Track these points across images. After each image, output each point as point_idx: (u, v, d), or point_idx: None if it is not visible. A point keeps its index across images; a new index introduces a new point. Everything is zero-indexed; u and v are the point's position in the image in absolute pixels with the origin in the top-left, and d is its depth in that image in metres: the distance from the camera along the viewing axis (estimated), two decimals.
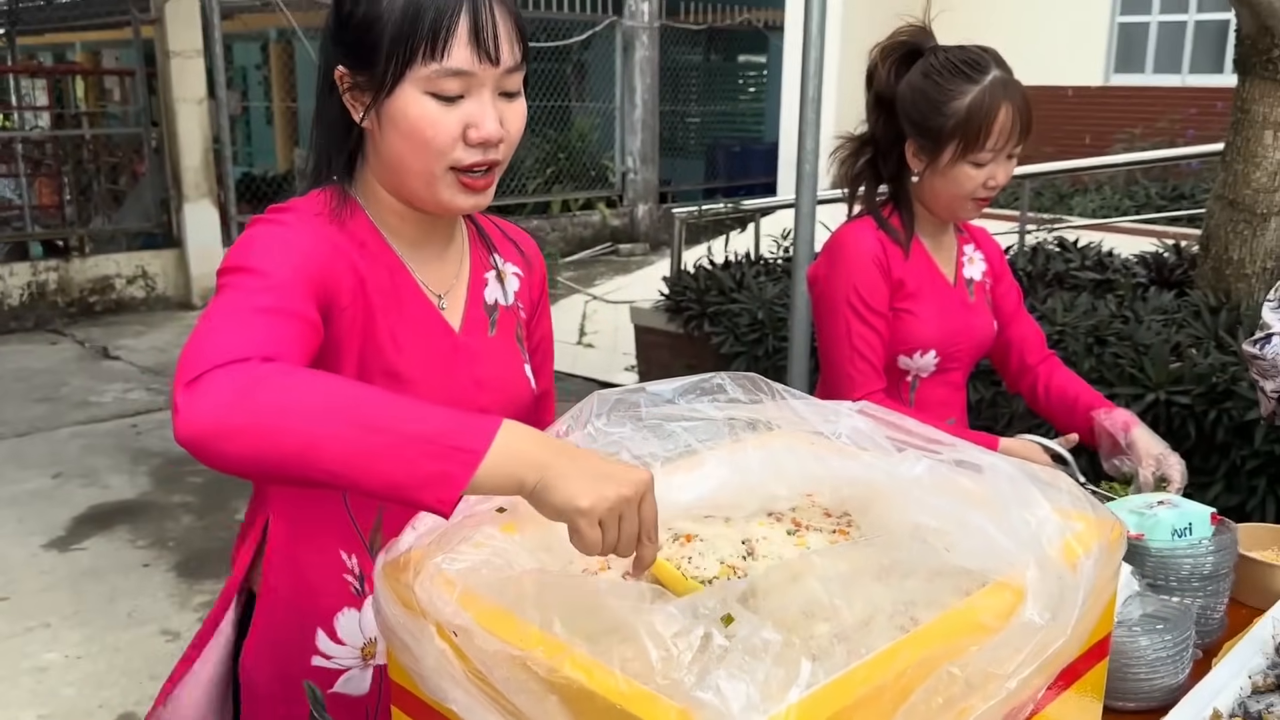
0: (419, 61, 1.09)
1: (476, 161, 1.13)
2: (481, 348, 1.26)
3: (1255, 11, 3.57)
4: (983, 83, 1.70)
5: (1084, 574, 0.89)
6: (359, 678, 1.23)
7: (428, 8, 1.08)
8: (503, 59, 1.11)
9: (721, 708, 0.68)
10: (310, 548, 1.21)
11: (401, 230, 1.22)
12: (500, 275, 1.32)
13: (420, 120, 1.10)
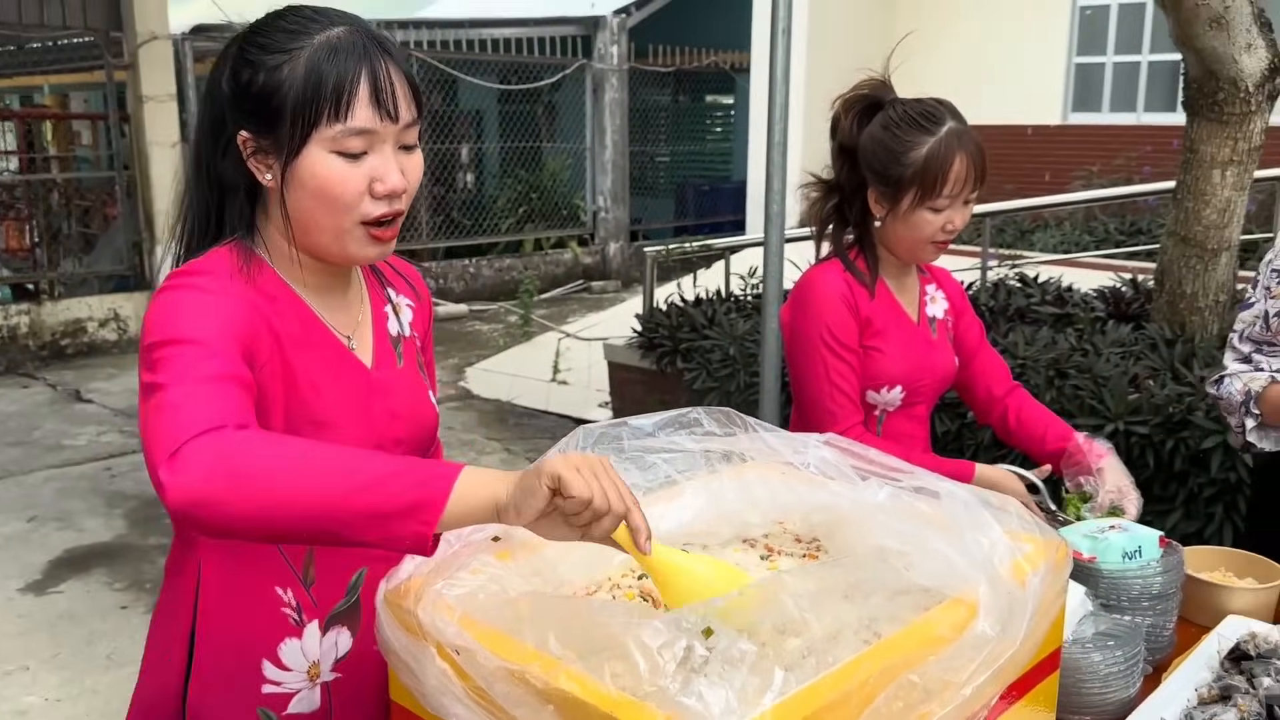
0: (324, 123, 1.14)
1: (383, 213, 1.19)
2: (393, 380, 1.32)
3: (1201, 57, 3.74)
4: (938, 134, 1.80)
5: (1032, 590, 0.97)
6: (309, 697, 1.28)
7: (329, 73, 1.14)
8: (401, 116, 1.17)
9: (704, 712, 0.75)
10: (245, 587, 1.25)
11: (306, 280, 1.26)
12: (395, 308, 1.38)
13: (328, 178, 1.16)
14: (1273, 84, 3.73)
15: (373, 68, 1.14)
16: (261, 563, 1.24)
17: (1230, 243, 3.87)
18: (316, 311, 1.27)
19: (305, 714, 1.28)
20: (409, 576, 1.01)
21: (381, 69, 1.15)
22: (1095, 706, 1.38)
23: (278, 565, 1.25)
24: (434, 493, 0.94)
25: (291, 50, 1.15)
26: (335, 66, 1.13)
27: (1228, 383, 1.99)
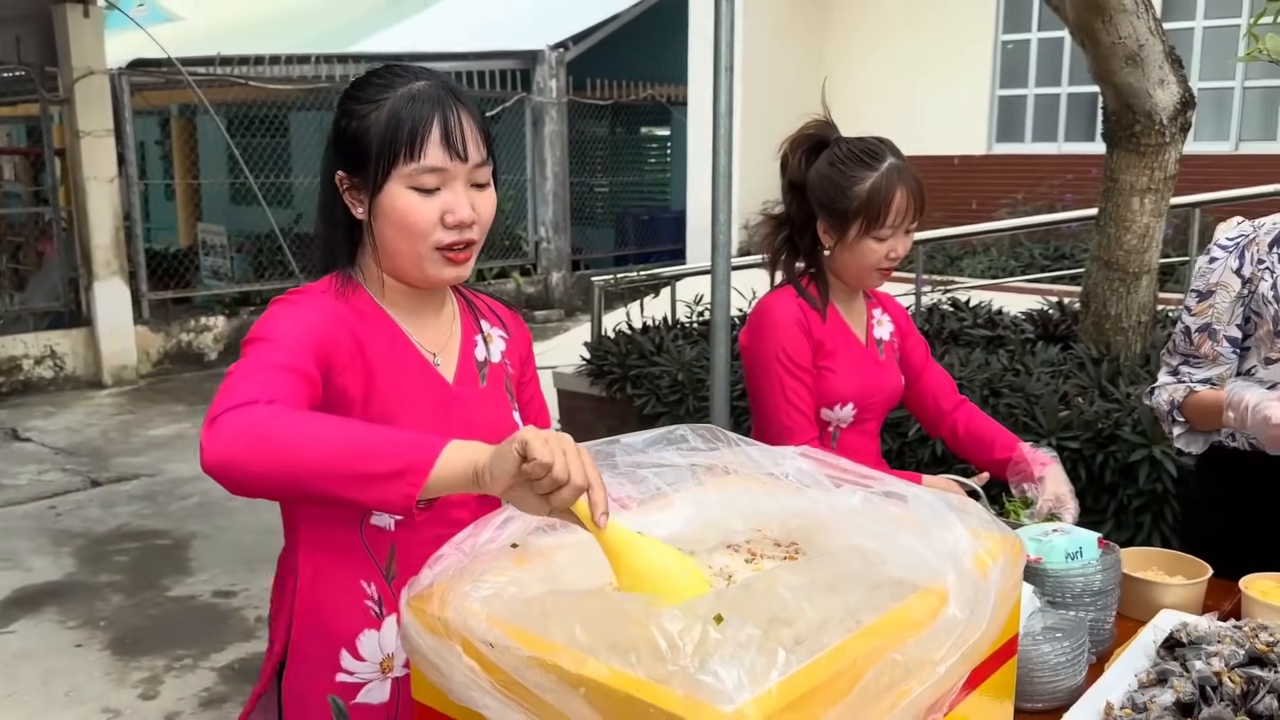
0: (401, 162, 1.31)
1: (454, 241, 1.36)
2: (473, 397, 1.46)
3: (1118, 92, 3.97)
4: (880, 169, 1.95)
5: (993, 580, 1.09)
6: (379, 688, 1.40)
7: (405, 119, 1.31)
8: (470, 156, 1.34)
9: (720, 688, 0.85)
10: (335, 581, 1.39)
11: (398, 301, 1.43)
12: (486, 338, 1.53)
13: (405, 210, 1.33)
14: (1184, 116, 3.97)
15: (444, 114, 1.31)
16: (351, 558, 1.38)
17: (1150, 266, 4.09)
18: (405, 329, 1.44)
19: (373, 705, 1.40)
20: (431, 583, 1.09)
21: (453, 115, 1.32)
22: (1046, 694, 1.51)
23: (363, 560, 1.38)
24: (421, 460, 1.08)
25: (379, 100, 1.33)
26: (411, 113, 1.31)
27: (1157, 394, 2.16)
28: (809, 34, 10.70)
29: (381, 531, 1.39)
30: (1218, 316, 2.06)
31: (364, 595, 1.39)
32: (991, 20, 9.92)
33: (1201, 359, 2.09)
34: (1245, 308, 2.05)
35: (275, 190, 10.45)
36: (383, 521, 1.40)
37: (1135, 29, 3.78)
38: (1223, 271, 2.06)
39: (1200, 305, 2.09)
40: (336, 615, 1.38)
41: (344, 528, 1.39)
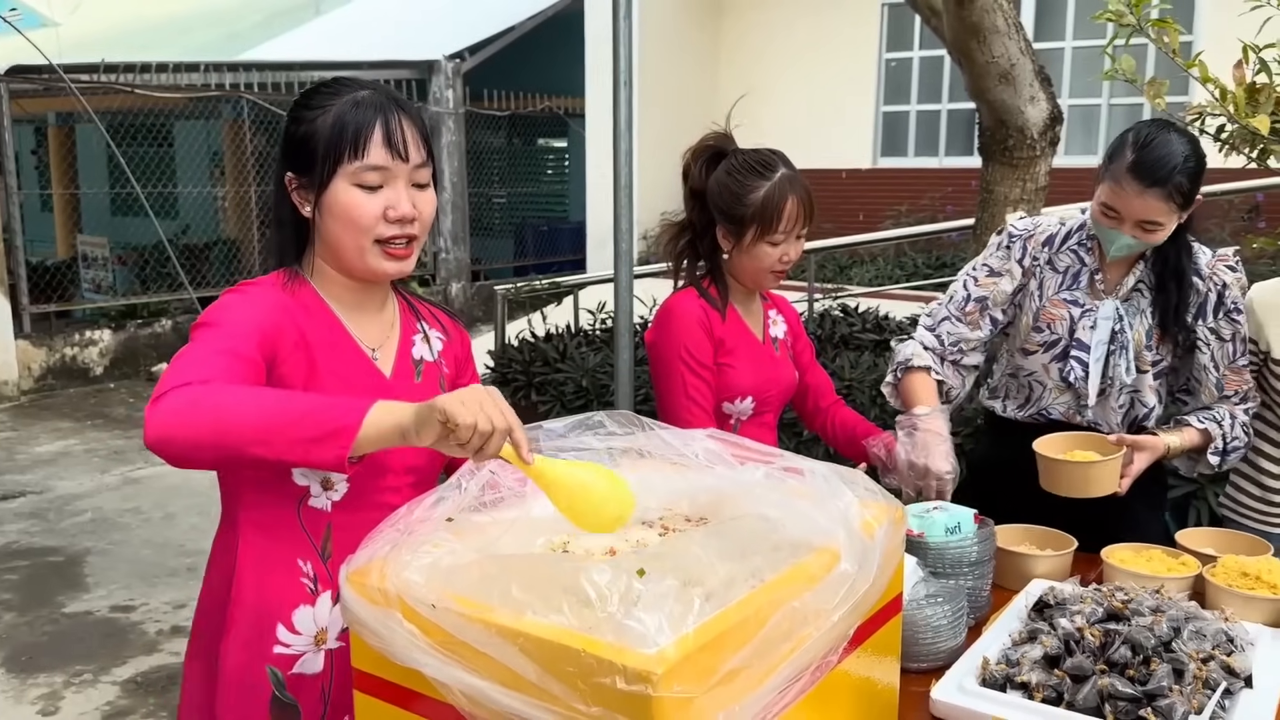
0: (345, 160, 1.43)
1: (395, 235, 1.46)
2: (407, 391, 1.56)
3: (992, 109, 4.24)
4: (773, 179, 2.11)
5: (879, 540, 1.22)
6: (314, 659, 1.50)
7: (349, 121, 1.43)
8: (411, 157, 1.45)
9: (643, 632, 0.96)
10: (273, 560, 1.47)
11: (341, 297, 1.53)
12: (426, 337, 1.64)
13: (349, 205, 1.44)
14: (1053, 131, 4.27)
15: (386, 117, 1.44)
16: (289, 538, 1.47)
17: None
18: (346, 324, 1.54)
19: (308, 675, 1.49)
20: (369, 558, 1.17)
21: (394, 119, 1.44)
22: (930, 654, 1.66)
23: (300, 540, 1.47)
24: (350, 421, 1.20)
25: (326, 106, 1.45)
26: (355, 116, 1.43)
27: (907, 344, 2.36)
28: (702, 51, 10.96)
29: (319, 513, 1.49)
30: (995, 296, 2.28)
31: (300, 573, 1.48)
32: (876, 39, 10.33)
33: (966, 324, 2.30)
34: (1013, 300, 2.28)
35: (161, 201, 10.19)
36: (320, 503, 1.49)
37: (1008, 49, 4.05)
38: (1009, 260, 2.29)
39: (987, 279, 2.30)
40: (274, 591, 1.47)
41: (282, 509, 1.48)
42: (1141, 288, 2.23)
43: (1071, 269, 2.25)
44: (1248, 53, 2.81)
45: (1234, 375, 2.23)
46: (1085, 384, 2.22)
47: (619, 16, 3.60)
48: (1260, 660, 1.60)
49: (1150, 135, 2.05)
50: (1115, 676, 1.47)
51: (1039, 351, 2.28)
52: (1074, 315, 2.24)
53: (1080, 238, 2.26)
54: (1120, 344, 2.21)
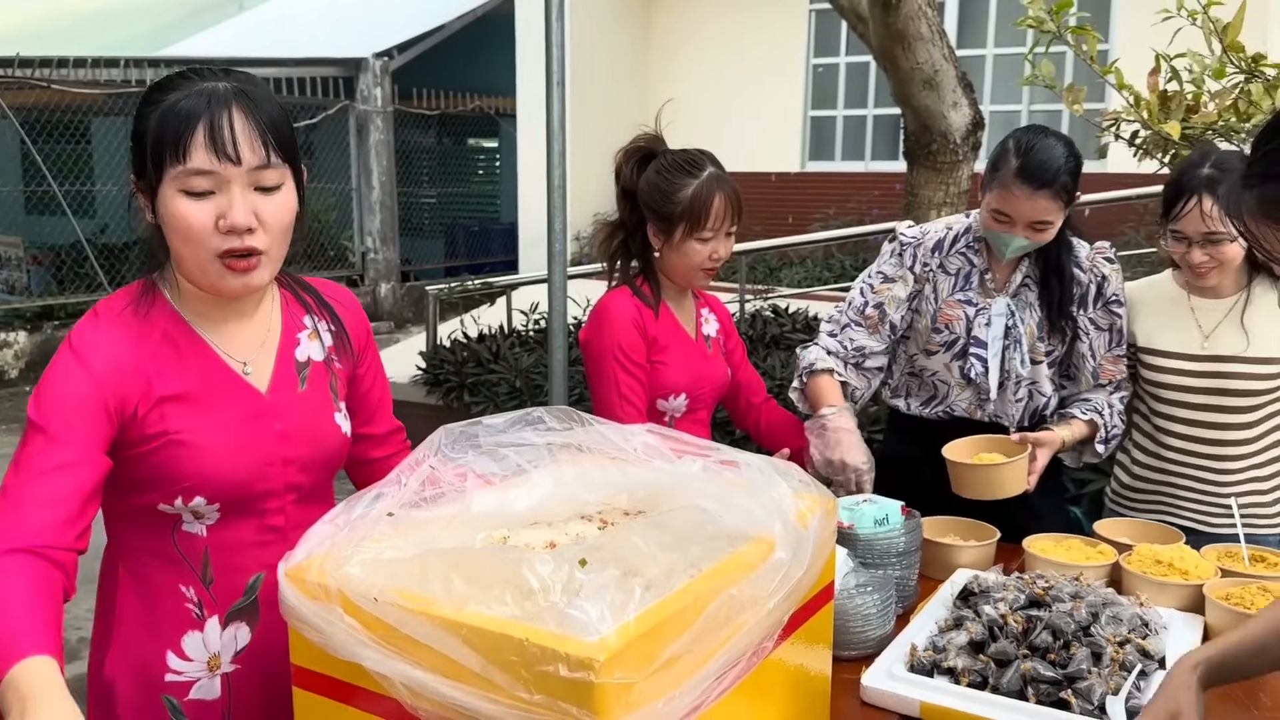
0: (168, 164, 1.29)
1: (233, 247, 1.32)
2: (289, 403, 1.45)
3: (917, 114, 4.34)
4: (701, 177, 2.15)
5: (812, 529, 1.25)
6: (209, 685, 1.44)
7: (170, 121, 1.28)
8: (244, 159, 1.30)
9: (586, 620, 0.97)
10: (155, 587, 1.42)
11: (201, 310, 1.41)
12: (315, 333, 1.52)
13: (176, 213, 1.30)
14: (975, 136, 4.38)
15: (212, 115, 1.28)
16: (167, 564, 1.41)
17: None
18: (210, 341, 1.41)
19: (205, 701, 1.43)
20: (307, 555, 1.17)
21: (224, 116, 1.28)
22: (860, 642, 1.71)
23: (179, 566, 1.41)
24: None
25: (158, 102, 1.31)
26: (178, 114, 1.28)
27: (811, 349, 2.44)
28: (633, 54, 11.00)
29: (194, 538, 1.41)
30: (891, 301, 2.38)
31: (184, 599, 1.42)
32: (803, 44, 10.48)
33: (866, 329, 2.40)
34: (910, 304, 2.38)
35: (79, 199, 9.91)
36: (195, 529, 1.41)
37: (931, 56, 4.15)
38: (901, 267, 2.39)
39: (882, 286, 2.40)
40: (160, 619, 1.42)
41: (156, 537, 1.41)
42: (1029, 283, 2.33)
43: (962, 270, 2.35)
44: (1160, 61, 2.93)
45: (1109, 364, 2.35)
46: (985, 379, 2.33)
47: (551, 17, 3.61)
48: (1173, 643, 1.67)
49: (1031, 141, 2.14)
50: (1037, 660, 1.53)
51: (940, 351, 2.38)
52: (969, 314, 2.34)
53: (967, 240, 2.36)
54: (1014, 338, 2.32)
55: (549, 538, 1.27)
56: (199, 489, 1.37)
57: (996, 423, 2.37)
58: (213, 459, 1.37)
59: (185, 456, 1.36)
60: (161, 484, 1.36)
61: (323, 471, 1.51)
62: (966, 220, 2.39)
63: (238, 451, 1.39)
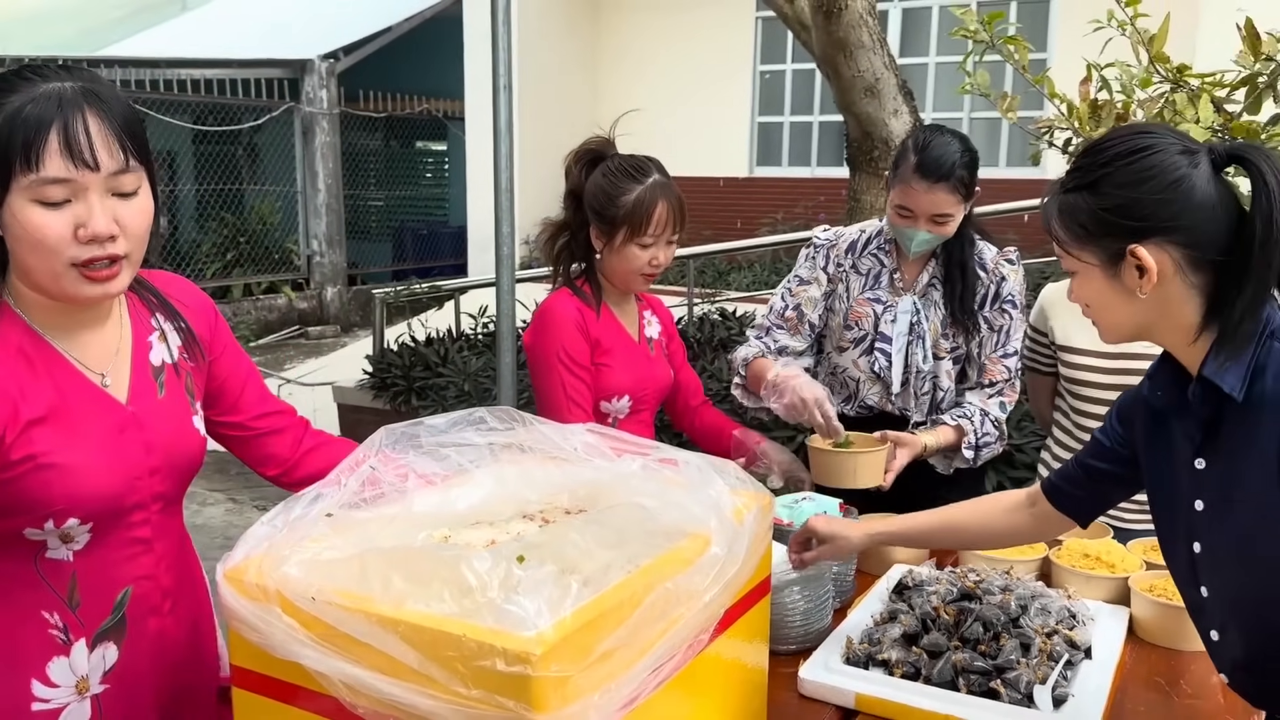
0: (18, 173, 1.21)
1: (93, 256, 1.25)
2: (150, 412, 1.40)
3: (859, 121, 4.42)
4: (645, 183, 2.17)
5: (747, 525, 1.28)
6: (79, 709, 1.37)
7: (19, 127, 1.20)
8: (102, 164, 1.23)
9: (523, 615, 0.99)
10: (15, 614, 1.34)
11: (53, 322, 1.33)
12: (163, 335, 1.46)
13: (29, 225, 1.22)
14: None
15: (66, 120, 1.21)
16: (29, 591, 1.34)
17: None
18: (66, 353, 1.34)
19: None
20: (245, 556, 1.17)
21: (78, 121, 1.22)
22: (798, 637, 1.74)
23: (43, 592, 1.34)
24: None
25: (1, 105, 1.22)
26: (28, 119, 1.20)
27: (740, 350, 2.56)
28: (582, 59, 11.02)
29: (60, 563, 1.34)
30: (807, 302, 2.49)
31: (48, 625, 1.35)
32: (750, 51, 10.58)
33: (788, 330, 2.51)
34: (825, 303, 2.49)
35: None
36: (60, 554, 1.34)
37: (872, 64, 4.23)
38: (815, 269, 2.50)
39: (799, 289, 2.51)
40: (21, 646, 1.34)
41: (17, 563, 1.33)
42: (935, 283, 2.43)
43: (873, 270, 2.46)
44: (1091, 70, 3.01)
45: (992, 365, 2.44)
46: (889, 373, 2.44)
47: (497, 21, 3.63)
48: (1099, 633, 1.73)
49: (928, 138, 2.27)
50: (968, 652, 1.58)
51: (850, 348, 2.48)
52: (877, 312, 2.45)
53: (879, 242, 2.48)
54: (918, 334, 2.43)
55: (490, 536, 1.28)
56: (72, 510, 1.31)
57: (905, 415, 2.46)
58: (84, 479, 1.31)
59: (55, 479, 1.29)
60: (30, 509, 1.29)
61: (185, 477, 1.47)
62: (879, 224, 2.51)
63: (109, 468, 1.34)
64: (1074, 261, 1.35)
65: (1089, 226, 1.31)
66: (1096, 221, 1.30)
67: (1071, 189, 1.33)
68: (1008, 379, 2.44)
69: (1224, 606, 1.34)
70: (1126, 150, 1.28)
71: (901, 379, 2.44)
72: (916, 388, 2.45)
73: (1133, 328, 1.35)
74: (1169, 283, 1.28)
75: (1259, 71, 2.89)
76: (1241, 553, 1.29)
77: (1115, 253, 1.29)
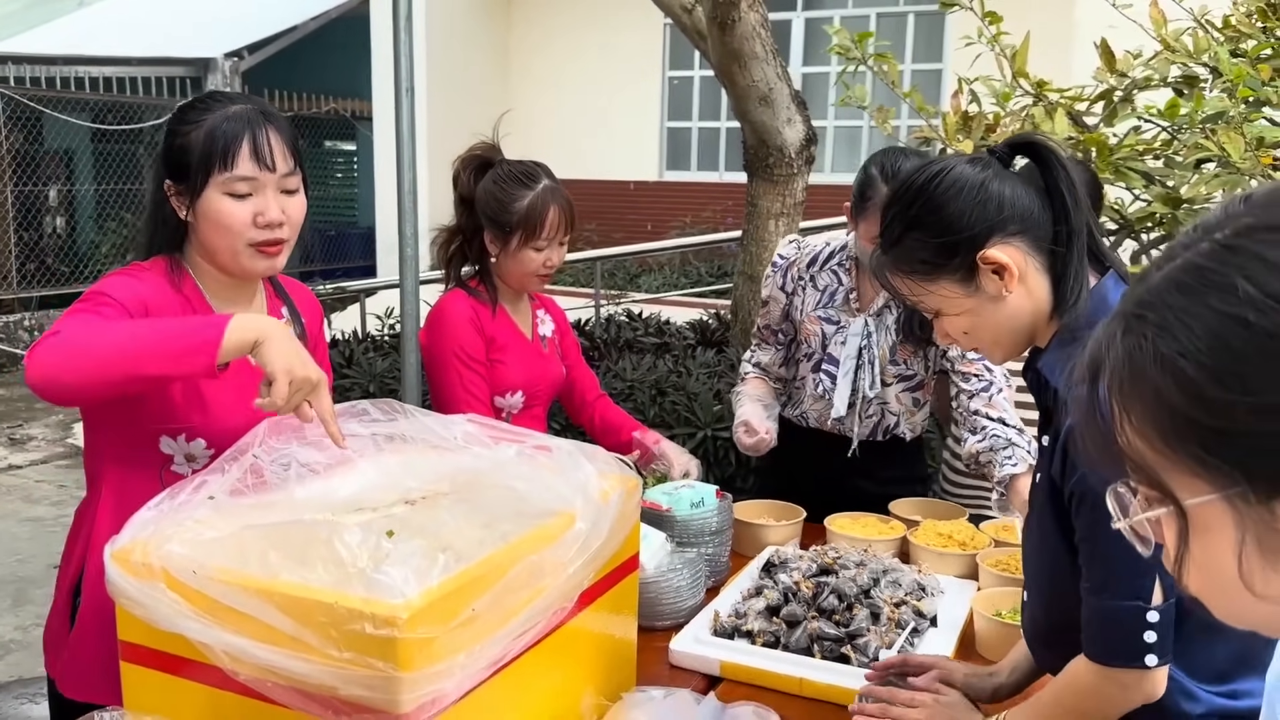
0: (215, 171, 1.58)
1: (266, 239, 1.62)
2: None
3: (755, 129, 4.57)
4: (536, 189, 2.27)
5: (612, 504, 1.39)
6: None
7: (219, 136, 1.58)
8: (278, 167, 1.61)
9: (391, 584, 1.08)
10: None
11: (216, 290, 1.69)
12: (288, 322, 1.80)
13: (220, 212, 1.60)
14: (809, 151, 4.63)
15: (253, 130, 1.59)
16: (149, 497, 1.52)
17: None
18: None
19: None
20: (132, 538, 1.24)
21: (262, 132, 1.59)
22: (672, 613, 1.86)
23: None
24: (212, 335, 1.38)
25: (199, 121, 1.59)
26: (225, 130, 1.58)
27: (741, 367, 2.69)
28: (493, 64, 11.05)
29: (181, 477, 1.56)
30: (772, 319, 2.58)
31: None
32: (659, 57, 10.74)
33: (770, 345, 2.62)
34: (786, 317, 2.56)
35: None
36: (183, 470, 1.60)
37: (766, 74, 4.38)
38: (772, 287, 2.57)
39: (764, 311, 2.61)
40: None
41: (144, 479, 1.58)
42: (890, 304, 2.41)
43: (829, 288, 2.47)
44: (961, 84, 3.21)
45: (966, 367, 2.41)
46: (833, 395, 2.45)
47: (399, 27, 3.67)
48: (947, 604, 1.88)
49: (897, 164, 2.24)
50: (823, 621, 1.71)
51: (803, 361, 2.54)
52: (827, 332, 2.47)
53: (840, 259, 2.47)
54: (866, 360, 2.42)
55: (367, 518, 1.36)
56: (201, 431, 1.61)
57: (842, 436, 2.47)
58: (215, 407, 1.61)
59: (195, 399, 1.60)
60: (172, 418, 1.59)
61: None
62: (845, 238, 2.50)
63: (235, 407, 1.61)
64: (933, 299, 1.36)
65: (932, 259, 1.33)
66: (937, 250, 1.32)
67: (896, 242, 1.36)
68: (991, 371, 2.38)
69: (1029, 576, 1.48)
70: (924, 181, 1.33)
71: (848, 403, 2.43)
72: (862, 411, 2.45)
73: (1012, 334, 1.35)
74: (1026, 272, 1.31)
75: (1114, 87, 3.12)
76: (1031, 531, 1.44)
77: (968, 267, 1.32)
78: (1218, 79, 2.78)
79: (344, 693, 1.08)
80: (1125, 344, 0.65)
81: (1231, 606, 0.66)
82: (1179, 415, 0.62)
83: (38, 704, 3.17)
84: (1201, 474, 0.63)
